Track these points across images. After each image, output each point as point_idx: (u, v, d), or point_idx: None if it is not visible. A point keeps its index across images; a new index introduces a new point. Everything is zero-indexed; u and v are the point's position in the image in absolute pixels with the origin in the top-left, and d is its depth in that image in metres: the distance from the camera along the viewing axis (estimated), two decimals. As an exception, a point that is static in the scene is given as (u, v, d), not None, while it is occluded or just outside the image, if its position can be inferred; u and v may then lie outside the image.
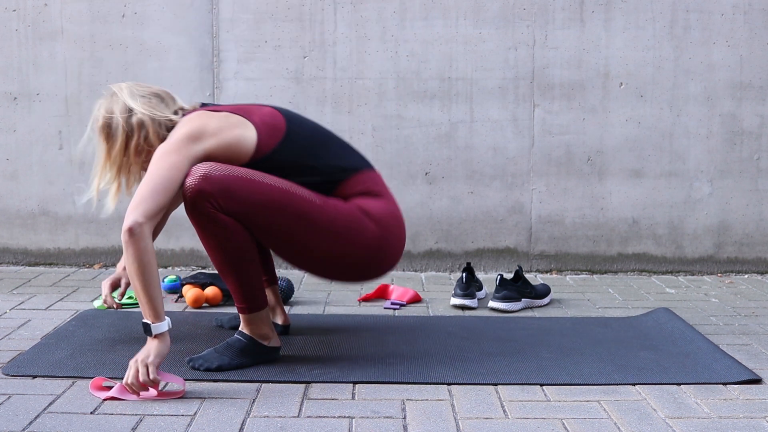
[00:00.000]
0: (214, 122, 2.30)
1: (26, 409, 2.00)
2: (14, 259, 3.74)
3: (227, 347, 2.33)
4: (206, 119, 2.31)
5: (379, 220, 2.34)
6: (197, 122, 2.30)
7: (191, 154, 2.25)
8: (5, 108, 3.67)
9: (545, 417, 2.00)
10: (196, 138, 2.26)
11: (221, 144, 2.28)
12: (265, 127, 2.32)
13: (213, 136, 2.27)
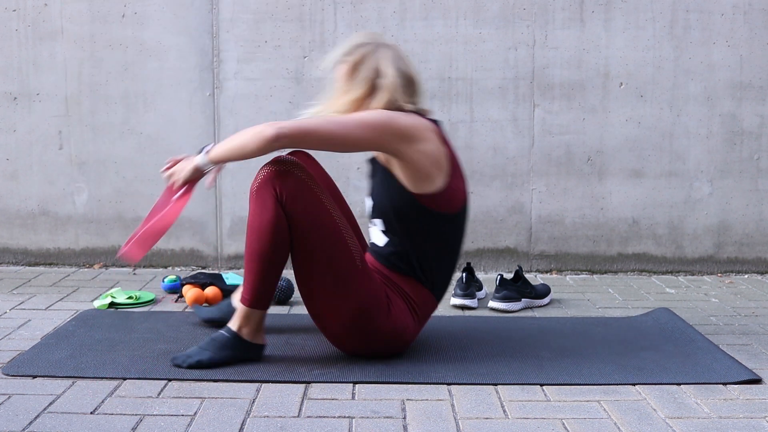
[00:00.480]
0: (431, 146, 2.31)
1: (26, 409, 2.00)
2: (14, 259, 3.74)
3: (211, 342, 2.34)
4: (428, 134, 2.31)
5: (392, 326, 2.34)
6: (421, 128, 2.30)
7: (387, 143, 2.26)
8: (5, 108, 3.67)
9: (545, 417, 2.00)
10: (407, 138, 2.27)
11: (416, 164, 2.29)
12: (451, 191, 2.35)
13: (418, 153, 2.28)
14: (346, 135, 2.24)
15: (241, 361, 2.34)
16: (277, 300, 3.08)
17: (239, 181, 3.66)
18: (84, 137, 3.67)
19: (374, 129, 2.25)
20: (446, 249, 2.40)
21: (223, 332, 2.35)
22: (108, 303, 2.99)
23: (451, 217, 2.36)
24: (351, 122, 2.25)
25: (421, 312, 2.41)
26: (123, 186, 3.68)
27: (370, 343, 2.35)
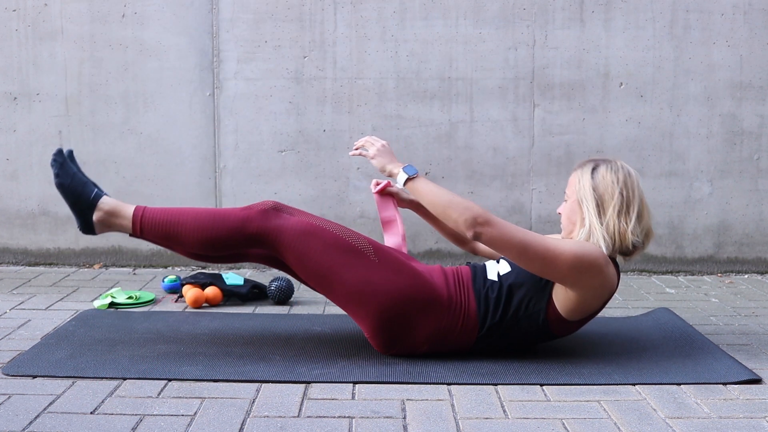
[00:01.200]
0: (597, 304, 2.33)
1: (26, 409, 2.00)
2: (14, 259, 3.74)
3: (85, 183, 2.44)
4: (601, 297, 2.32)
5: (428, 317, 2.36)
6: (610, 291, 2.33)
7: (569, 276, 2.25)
8: (5, 108, 3.67)
9: (545, 417, 2.00)
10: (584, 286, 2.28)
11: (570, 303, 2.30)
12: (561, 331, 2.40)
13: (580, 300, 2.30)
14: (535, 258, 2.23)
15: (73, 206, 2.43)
16: (277, 300, 3.08)
17: (239, 181, 3.66)
18: (84, 137, 3.67)
19: (568, 265, 2.23)
20: (518, 336, 2.39)
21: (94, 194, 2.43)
22: (108, 303, 2.99)
23: (548, 332, 2.38)
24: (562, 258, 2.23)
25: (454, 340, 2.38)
26: (123, 186, 3.68)
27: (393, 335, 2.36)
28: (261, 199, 3.65)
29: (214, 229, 2.36)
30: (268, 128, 3.65)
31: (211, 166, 3.67)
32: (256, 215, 2.36)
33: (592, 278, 2.26)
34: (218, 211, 2.41)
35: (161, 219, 2.40)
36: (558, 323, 2.35)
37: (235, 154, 3.66)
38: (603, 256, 2.27)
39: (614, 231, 2.30)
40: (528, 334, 2.38)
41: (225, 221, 2.36)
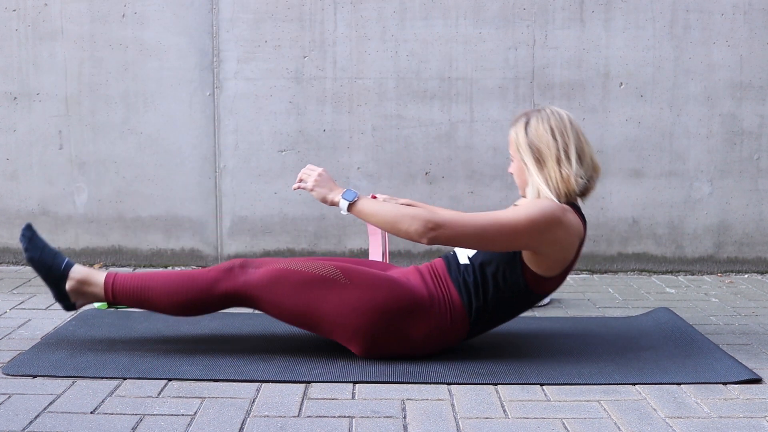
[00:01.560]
0: (570, 254, 2.33)
1: (26, 408, 2.00)
2: (14, 259, 3.74)
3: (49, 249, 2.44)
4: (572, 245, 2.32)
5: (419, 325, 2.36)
6: (575, 237, 2.31)
7: (533, 245, 2.27)
8: (5, 108, 3.67)
9: (545, 417, 2.00)
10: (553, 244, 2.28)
11: (545, 261, 2.31)
12: (562, 275, 2.39)
13: (554, 256, 2.31)
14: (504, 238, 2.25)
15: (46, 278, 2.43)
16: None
17: (239, 181, 3.66)
18: (84, 137, 3.67)
19: (530, 236, 2.25)
20: (507, 310, 2.41)
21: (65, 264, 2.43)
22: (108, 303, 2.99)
23: (534, 295, 2.39)
24: (507, 227, 2.24)
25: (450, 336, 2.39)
26: (123, 186, 3.68)
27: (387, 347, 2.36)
28: (261, 199, 3.66)
29: (184, 294, 2.37)
30: (268, 128, 3.65)
31: (211, 166, 3.67)
32: (222, 275, 2.36)
33: (553, 233, 2.27)
34: (187, 274, 2.40)
35: (132, 286, 2.41)
36: (539, 283, 2.35)
37: (235, 153, 3.66)
38: (557, 208, 2.28)
39: (557, 180, 2.32)
40: (516, 303, 2.39)
41: (194, 284, 2.37)
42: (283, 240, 3.70)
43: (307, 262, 2.39)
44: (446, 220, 2.23)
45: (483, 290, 2.36)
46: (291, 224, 3.69)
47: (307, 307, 2.33)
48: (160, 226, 3.70)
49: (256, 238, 3.70)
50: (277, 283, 2.33)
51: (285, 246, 3.70)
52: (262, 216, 3.69)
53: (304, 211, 3.67)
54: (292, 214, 3.68)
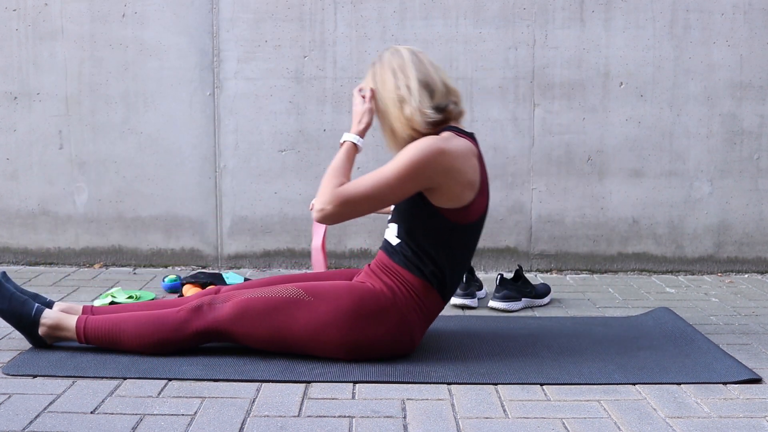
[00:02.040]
0: (470, 172, 2.32)
1: (26, 408, 2.00)
2: (14, 259, 3.74)
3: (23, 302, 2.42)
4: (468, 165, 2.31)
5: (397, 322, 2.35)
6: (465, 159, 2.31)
7: (428, 184, 2.28)
8: (5, 108, 3.67)
9: (545, 416, 2.00)
10: (452, 174, 2.28)
11: (451, 191, 2.30)
12: (472, 208, 2.36)
13: (457, 184, 2.30)
14: (393, 192, 2.27)
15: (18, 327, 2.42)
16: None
17: (239, 181, 3.66)
18: (84, 137, 3.67)
19: (417, 176, 2.26)
20: (458, 254, 2.40)
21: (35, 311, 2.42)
22: (108, 302, 2.99)
23: (468, 226, 2.38)
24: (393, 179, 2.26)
25: (427, 310, 2.41)
26: (123, 186, 3.68)
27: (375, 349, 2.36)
28: (261, 199, 3.66)
29: (156, 335, 2.37)
30: (268, 128, 3.65)
31: (211, 166, 3.67)
32: (191, 315, 2.36)
33: (439, 163, 2.26)
34: (156, 315, 2.39)
35: (103, 330, 2.40)
36: (463, 214, 2.34)
37: (235, 153, 3.66)
38: (433, 140, 2.28)
39: (413, 118, 2.33)
40: (460, 241, 2.38)
41: (165, 326, 2.37)
42: (283, 240, 3.70)
43: (269, 287, 2.38)
44: (346, 192, 2.27)
45: (425, 254, 2.36)
46: (291, 224, 3.69)
47: (278, 331, 2.33)
48: (160, 226, 3.70)
49: (256, 237, 3.70)
50: (244, 314, 2.33)
51: (285, 246, 3.70)
52: (262, 216, 3.69)
53: (304, 210, 3.67)
54: (292, 213, 3.68)
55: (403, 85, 2.34)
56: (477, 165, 2.35)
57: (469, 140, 2.36)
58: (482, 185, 2.37)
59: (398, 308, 2.35)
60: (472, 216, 2.37)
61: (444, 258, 2.37)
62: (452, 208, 2.33)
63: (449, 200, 2.32)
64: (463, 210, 2.34)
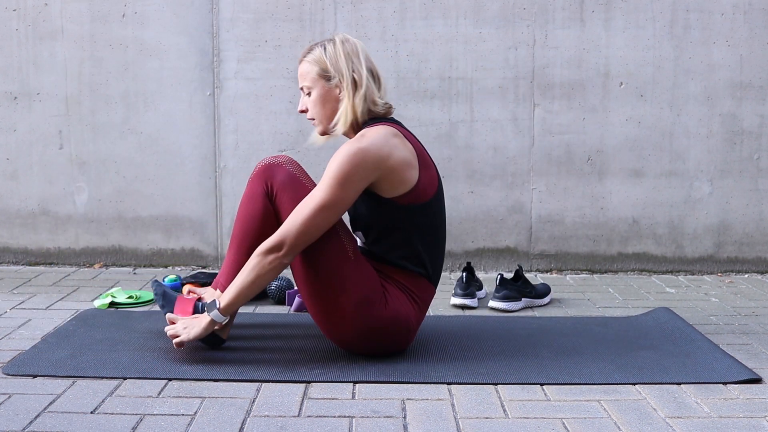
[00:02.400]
0: (398, 154, 2.30)
1: (26, 408, 2.00)
2: (14, 259, 3.74)
3: None
4: (392, 148, 2.30)
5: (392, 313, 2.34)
6: (388, 146, 2.29)
7: (362, 185, 2.27)
8: (5, 108, 3.67)
9: (545, 416, 2.00)
10: (375, 167, 2.27)
11: (390, 180, 2.30)
12: (421, 186, 2.35)
13: (392, 170, 2.29)
14: (332, 206, 2.24)
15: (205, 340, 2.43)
16: (277, 300, 3.08)
17: (239, 181, 3.66)
18: (84, 137, 3.67)
19: (349, 184, 2.25)
20: (429, 234, 2.40)
21: (198, 304, 2.44)
22: (108, 302, 2.99)
23: (427, 204, 2.36)
24: (327, 193, 2.24)
25: (419, 299, 2.42)
26: (123, 186, 3.68)
27: (373, 336, 2.35)
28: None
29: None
30: (268, 128, 3.65)
31: (212, 166, 3.67)
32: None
33: (368, 164, 2.25)
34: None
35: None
36: (416, 195, 2.33)
37: (235, 153, 3.66)
38: (352, 146, 2.26)
39: (359, 106, 2.35)
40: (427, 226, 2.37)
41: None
42: (283, 240, 3.69)
43: None
44: (281, 235, 2.24)
45: (398, 248, 2.36)
46: (291, 224, 3.69)
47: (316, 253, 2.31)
48: (160, 226, 3.70)
49: (256, 237, 3.69)
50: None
51: (285, 246, 3.69)
52: (262, 216, 3.68)
53: (304, 210, 3.67)
54: (292, 213, 3.68)
55: (357, 69, 2.36)
56: (403, 142, 2.33)
57: (385, 124, 2.36)
58: (422, 159, 2.36)
59: (391, 301, 2.35)
60: (427, 193, 2.36)
61: (417, 244, 2.37)
62: (404, 194, 2.32)
63: (396, 188, 2.31)
64: (415, 190, 2.33)
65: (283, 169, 2.37)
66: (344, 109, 2.37)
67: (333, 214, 2.26)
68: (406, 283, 2.39)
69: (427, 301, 2.45)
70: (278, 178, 2.36)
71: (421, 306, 2.43)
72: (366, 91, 2.36)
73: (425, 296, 2.44)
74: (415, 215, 2.35)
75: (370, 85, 2.37)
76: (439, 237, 2.43)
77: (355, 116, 2.37)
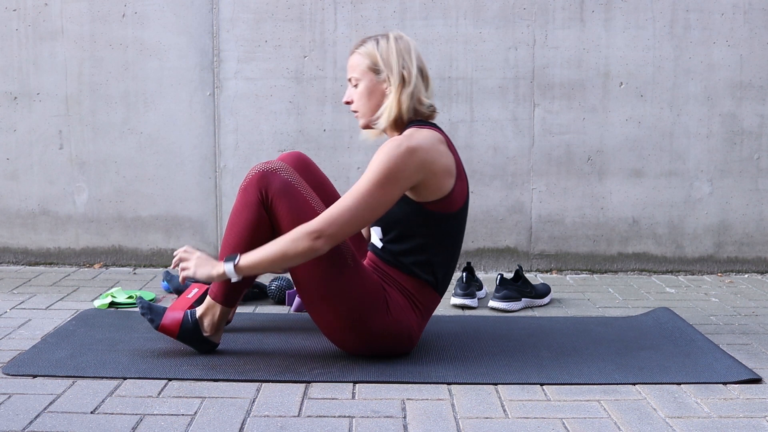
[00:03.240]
0: (444, 161, 2.30)
1: (26, 408, 2.00)
2: (14, 259, 3.74)
3: None
4: (439, 153, 2.29)
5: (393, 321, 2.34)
6: (435, 152, 2.28)
7: (409, 184, 2.25)
8: (5, 108, 3.67)
9: (545, 416, 2.00)
10: (425, 170, 2.26)
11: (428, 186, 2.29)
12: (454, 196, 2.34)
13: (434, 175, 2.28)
14: (378, 204, 2.22)
15: (190, 344, 2.42)
16: (277, 300, 3.08)
17: (239, 181, 3.66)
18: (84, 137, 3.67)
19: (396, 181, 2.23)
20: (447, 245, 2.40)
21: (187, 313, 2.41)
22: (108, 302, 2.99)
23: (453, 215, 2.37)
24: (376, 189, 2.22)
25: (423, 307, 2.41)
26: (123, 186, 3.68)
27: (374, 342, 2.35)
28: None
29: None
30: (268, 128, 3.65)
31: (212, 166, 3.67)
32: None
33: (413, 162, 2.23)
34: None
35: None
36: (447, 204, 2.32)
37: (235, 153, 3.66)
38: (399, 141, 2.24)
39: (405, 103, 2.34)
40: (449, 236, 2.37)
41: None
42: (283, 240, 3.69)
43: None
44: (323, 222, 2.20)
45: (414, 252, 2.36)
46: (291, 224, 3.69)
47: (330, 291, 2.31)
48: (160, 226, 3.70)
49: (256, 237, 3.69)
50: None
51: (285, 246, 3.69)
52: (262, 216, 3.68)
53: (304, 210, 3.67)
54: (292, 213, 3.68)
55: (407, 67, 2.35)
56: (447, 150, 2.33)
57: (432, 129, 2.36)
58: (458, 170, 2.37)
59: (393, 308, 2.34)
60: (456, 203, 2.36)
61: (433, 252, 2.37)
62: (436, 200, 2.31)
63: (432, 193, 2.30)
64: (446, 198, 2.33)
65: (278, 176, 2.31)
66: (389, 103, 2.35)
67: (377, 210, 2.24)
68: (412, 290, 2.38)
69: (430, 309, 2.45)
70: (274, 186, 2.29)
71: (423, 313, 2.42)
72: (414, 89, 2.35)
73: (429, 304, 2.43)
74: (441, 224, 2.34)
75: (419, 84, 2.36)
76: (456, 249, 2.43)
77: (400, 112, 2.35)
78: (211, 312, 2.41)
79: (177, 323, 2.40)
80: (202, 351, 2.44)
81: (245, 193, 2.32)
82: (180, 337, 2.40)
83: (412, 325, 2.38)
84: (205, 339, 2.42)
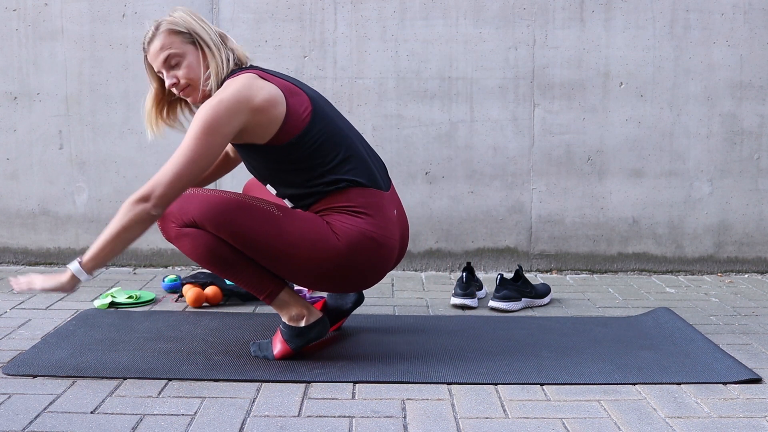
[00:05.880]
0: (263, 94, 2.26)
1: (26, 408, 2.00)
2: (14, 259, 3.74)
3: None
4: (256, 89, 2.26)
5: (347, 239, 2.30)
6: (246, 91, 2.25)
7: (229, 131, 2.22)
8: (5, 108, 3.67)
9: (545, 416, 2.00)
10: (238, 110, 2.22)
11: (259, 123, 2.25)
12: (294, 116, 2.29)
13: (257, 112, 2.24)
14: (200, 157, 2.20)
15: (309, 341, 2.41)
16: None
17: (239, 181, 3.66)
18: (84, 137, 3.67)
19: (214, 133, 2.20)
20: (331, 149, 2.33)
21: (281, 327, 2.42)
22: (108, 302, 2.99)
23: (308, 128, 2.29)
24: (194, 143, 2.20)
25: (367, 209, 2.34)
26: (123, 185, 3.68)
27: (349, 271, 2.32)
28: (261, 199, 3.65)
29: None
30: (268, 128, 3.65)
31: (212, 166, 3.67)
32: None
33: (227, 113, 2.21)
34: None
35: None
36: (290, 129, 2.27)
37: (235, 153, 3.66)
38: (214, 101, 2.23)
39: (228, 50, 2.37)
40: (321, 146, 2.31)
41: None
42: (283, 240, 3.69)
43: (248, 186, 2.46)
44: (148, 185, 2.22)
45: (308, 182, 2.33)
46: (291, 224, 3.69)
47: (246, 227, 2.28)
48: (160, 226, 3.70)
49: (256, 237, 3.69)
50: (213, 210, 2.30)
51: (285, 246, 3.69)
52: (262, 216, 3.68)
53: (304, 210, 3.67)
54: (292, 213, 3.68)
55: (205, 27, 2.37)
56: (264, 83, 2.28)
57: (246, 71, 2.33)
58: (286, 90, 2.31)
59: (337, 227, 2.30)
60: (302, 118, 2.29)
61: (324, 165, 2.32)
62: (280, 129, 2.27)
63: (268, 130, 2.26)
64: (286, 124, 2.27)
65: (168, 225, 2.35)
66: (216, 62, 2.34)
67: (201, 163, 2.20)
68: (343, 203, 2.32)
69: (379, 207, 2.35)
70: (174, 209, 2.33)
71: (374, 214, 2.34)
72: (228, 41, 2.39)
73: (372, 203, 2.34)
74: (303, 144, 2.29)
75: (226, 35, 2.40)
76: (346, 144, 2.35)
77: (227, 67, 2.36)
78: (282, 305, 2.39)
79: (286, 346, 2.40)
80: (320, 335, 2.43)
81: (166, 236, 2.37)
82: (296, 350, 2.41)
83: (368, 230, 2.31)
84: (306, 327, 2.40)
